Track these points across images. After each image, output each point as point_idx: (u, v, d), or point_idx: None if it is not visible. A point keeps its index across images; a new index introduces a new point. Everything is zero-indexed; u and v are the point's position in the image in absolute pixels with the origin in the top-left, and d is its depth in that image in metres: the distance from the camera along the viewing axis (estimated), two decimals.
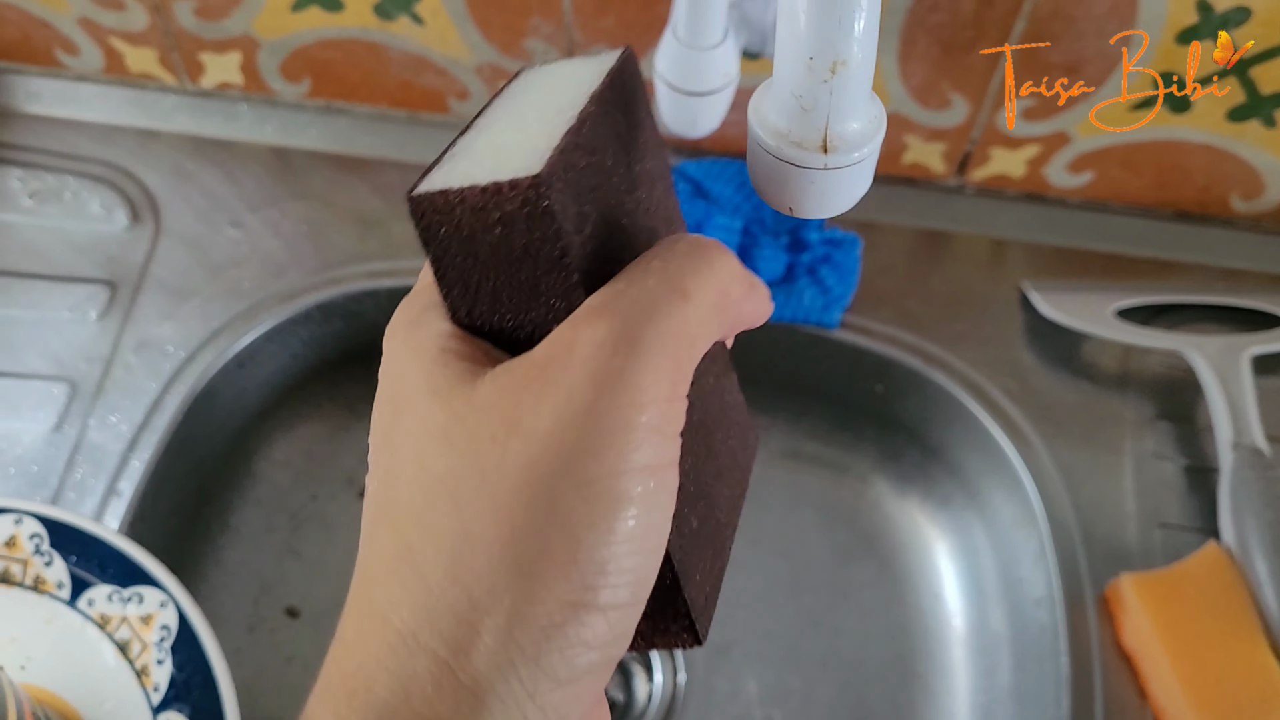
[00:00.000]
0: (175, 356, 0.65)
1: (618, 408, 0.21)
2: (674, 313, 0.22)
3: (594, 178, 0.24)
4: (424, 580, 0.22)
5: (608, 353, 0.22)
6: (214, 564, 0.68)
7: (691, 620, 0.26)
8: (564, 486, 0.21)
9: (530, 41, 0.67)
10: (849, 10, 0.24)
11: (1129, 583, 0.58)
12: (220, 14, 0.68)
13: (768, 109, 0.26)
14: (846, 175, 0.26)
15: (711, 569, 0.27)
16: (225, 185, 0.71)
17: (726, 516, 0.28)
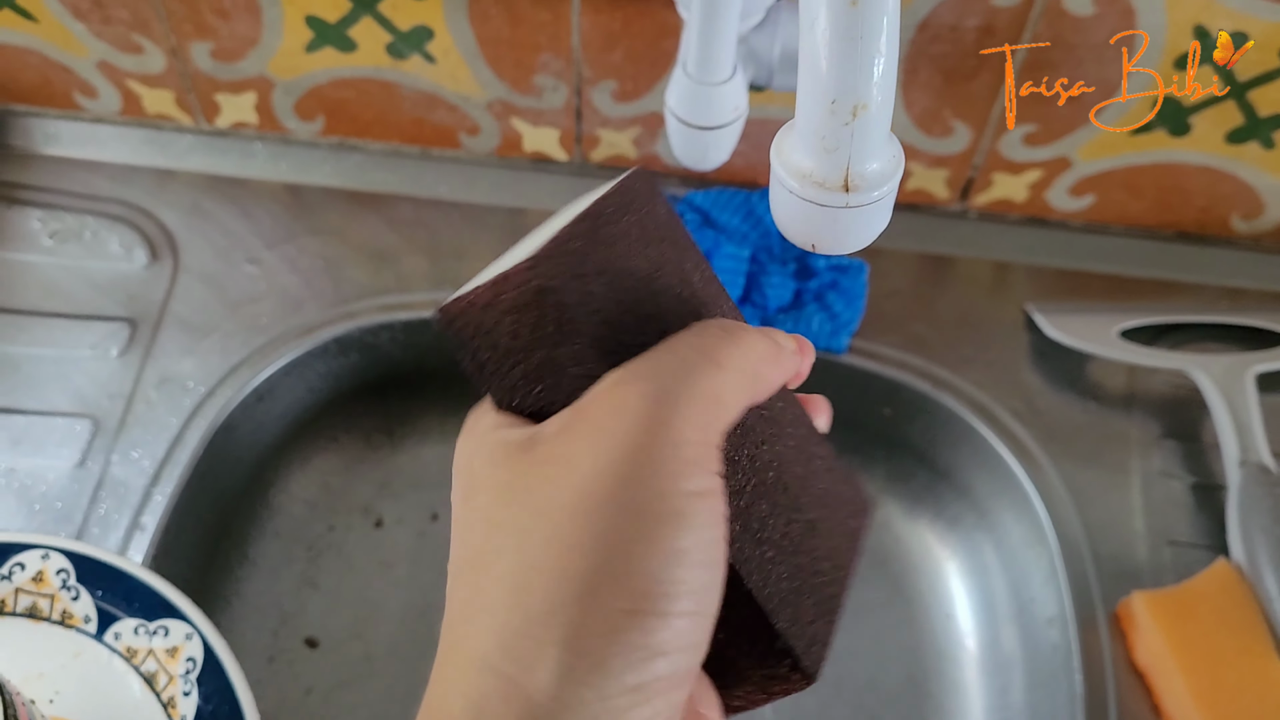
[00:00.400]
0: (195, 392, 0.66)
1: (660, 445, 0.24)
2: (707, 376, 0.25)
3: (597, 259, 0.27)
4: (491, 611, 0.24)
5: (651, 404, 0.24)
6: (234, 595, 0.69)
7: (795, 657, 0.27)
8: (614, 510, 0.23)
9: (540, 78, 0.68)
10: (869, 56, 0.25)
11: (1140, 601, 0.59)
12: (235, 56, 0.70)
13: (790, 150, 0.27)
14: (867, 213, 0.27)
15: (815, 614, 0.29)
16: (242, 222, 0.72)
17: (830, 571, 0.30)
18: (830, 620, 0.29)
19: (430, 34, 0.67)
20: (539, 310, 0.26)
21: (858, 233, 0.27)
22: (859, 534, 0.32)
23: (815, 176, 0.26)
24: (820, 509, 0.30)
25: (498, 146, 0.74)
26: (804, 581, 0.28)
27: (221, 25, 0.68)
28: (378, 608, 0.70)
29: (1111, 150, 0.68)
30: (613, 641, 0.23)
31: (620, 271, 0.27)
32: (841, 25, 0.25)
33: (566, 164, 0.75)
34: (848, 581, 0.31)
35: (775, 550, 0.28)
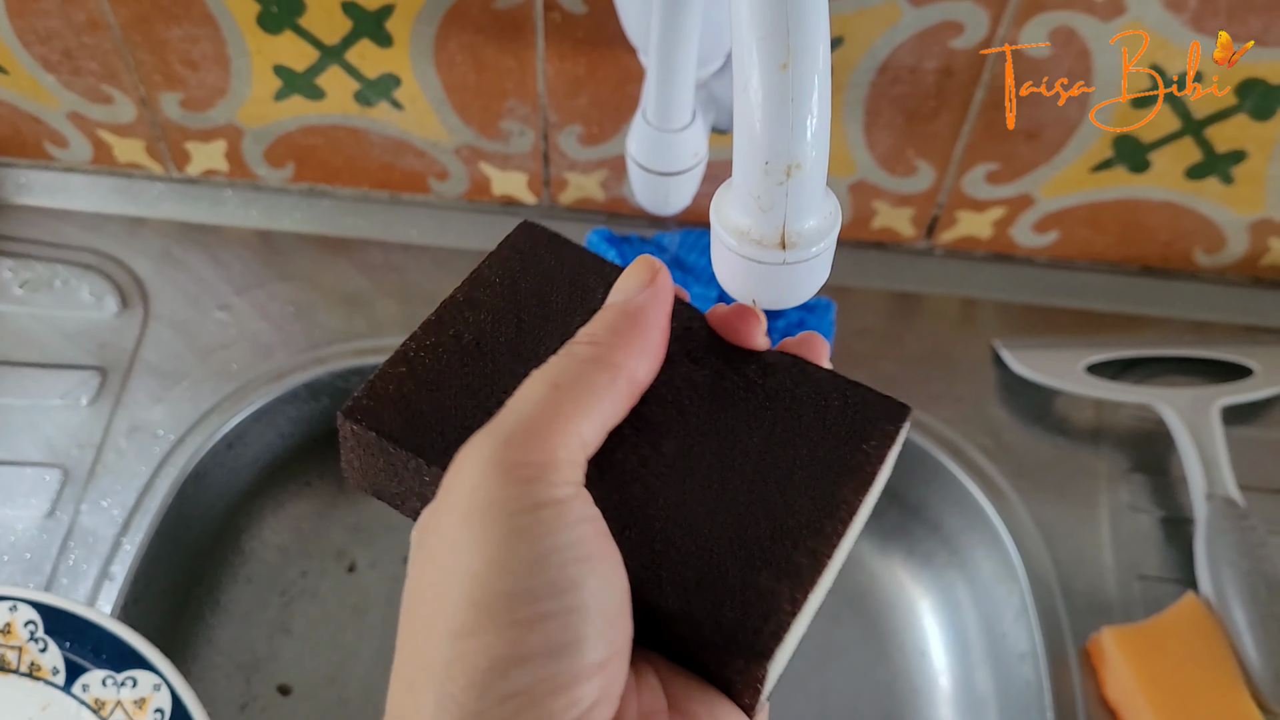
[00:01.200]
0: (165, 440, 0.66)
1: (491, 478, 0.25)
2: (540, 404, 0.27)
3: (426, 373, 0.31)
4: (395, 676, 0.26)
5: (487, 444, 0.26)
6: (206, 643, 0.69)
7: (727, 641, 0.27)
8: (466, 550, 0.25)
9: (507, 123, 0.69)
10: (801, 117, 0.25)
11: (1110, 636, 0.59)
12: (205, 105, 0.70)
13: (729, 208, 0.27)
14: (805, 269, 0.27)
15: (760, 586, 0.27)
16: (212, 269, 0.72)
17: (795, 535, 0.28)
18: (788, 593, 0.27)
19: (397, 82, 0.67)
20: (367, 448, 0.30)
21: (797, 288, 0.28)
22: (842, 491, 0.30)
23: (753, 234, 0.27)
24: (760, 483, 0.29)
25: (467, 191, 0.75)
26: (738, 559, 0.28)
27: (190, 75, 0.68)
28: (351, 653, 0.70)
29: (1073, 187, 0.69)
30: (480, 659, 0.24)
31: (473, 360, 0.31)
32: (773, 88, 0.25)
33: (535, 207, 0.75)
34: (816, 546, 0.28)
35: (672, 545, 0.28)
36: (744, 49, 0.25)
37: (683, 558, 0.27)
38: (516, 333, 0.31)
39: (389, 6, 0.63)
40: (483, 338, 0.31)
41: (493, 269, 0.33)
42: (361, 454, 0.30)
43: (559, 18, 0.63)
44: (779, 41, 0.25)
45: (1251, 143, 0.65)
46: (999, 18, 0.60)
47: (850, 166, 0.70)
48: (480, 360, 0.31)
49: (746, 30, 0.25)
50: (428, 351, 0.31)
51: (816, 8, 0.25)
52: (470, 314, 0.32)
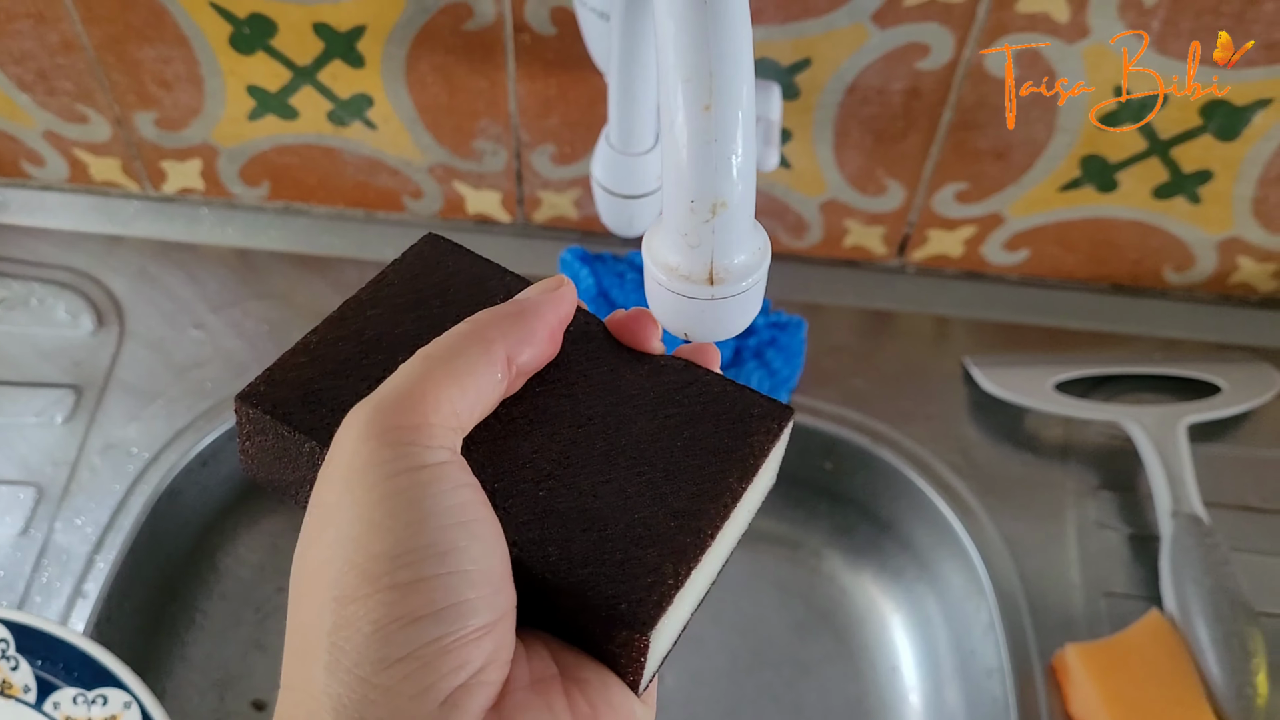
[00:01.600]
0: (140, 457, 0.66)
1: (367, 443, 0.26)
2: (414, 373, 0.27)
3: (325, 363, 0.31)
4: (288, 649, 0.26)
5: (362, 413, 0.26)
6: (180, 659, 0.69)
7: (610, 612, 0.27)
8: (345, 516, 0.25)
9: (479, 142, 0.70)
10: (725, 157, 0.26)
11: (1074, 653, 0.60)
12: (180, 124, 0.71)
13: (659, 245, 0.28)
14: (734, 304, 0.28)
15: (640, 559, 0.28)
16: (188, 287, 0.73)
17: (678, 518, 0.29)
18: (660, 562, 0.28)
19: (370, 102, 0.68)
20: (263, 433, 0.31)
21: (726, 322, 0.28)
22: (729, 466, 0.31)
23: (681, 270, 0.27)
24: (642, 465, 0.30)
25: (441, 209, 0.75)
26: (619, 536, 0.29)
27: (164, 95, 0.69)
28: None
29: (1042, 206, 0.70)
30: (363, 624, 0.24)
31: (369, 359, 0.31)
32: (697, 128, 0.26)
33: (510, 225, 0.76)
34: (699, 525, 0.29)
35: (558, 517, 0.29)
36: (668, 91, 0.26)
37: (570, 535, 0.28)
38: (417, 327, 0.32)
39: (360, 28, 0.64)
40: (384, 333, 0.32)
41: (398, 272, 0.34)
42: (258, 440, 0.31)
43: (529, 39, 0.63)
44: (702, 84, 0.25)
45: (1217, 163, 0.66)
46: (964, 39, 0.61)
47: (821, 186, 0.70)
48: (379, 352, 0.31)
49: (670, 72, 0.25)
50: (329, 344, 0.32)
51: (738, 49, 0.25)
52: (372, 311, 0.33)
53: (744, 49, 0.26)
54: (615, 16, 0.46)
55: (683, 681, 0.70)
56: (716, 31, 0.25)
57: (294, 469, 0.31)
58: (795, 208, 0.72)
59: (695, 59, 0.25)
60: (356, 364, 0.31)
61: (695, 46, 0.25)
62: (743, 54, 0.26)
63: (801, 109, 0.65)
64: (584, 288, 0.70)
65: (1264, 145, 0.65)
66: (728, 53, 0.25)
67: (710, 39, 0.25)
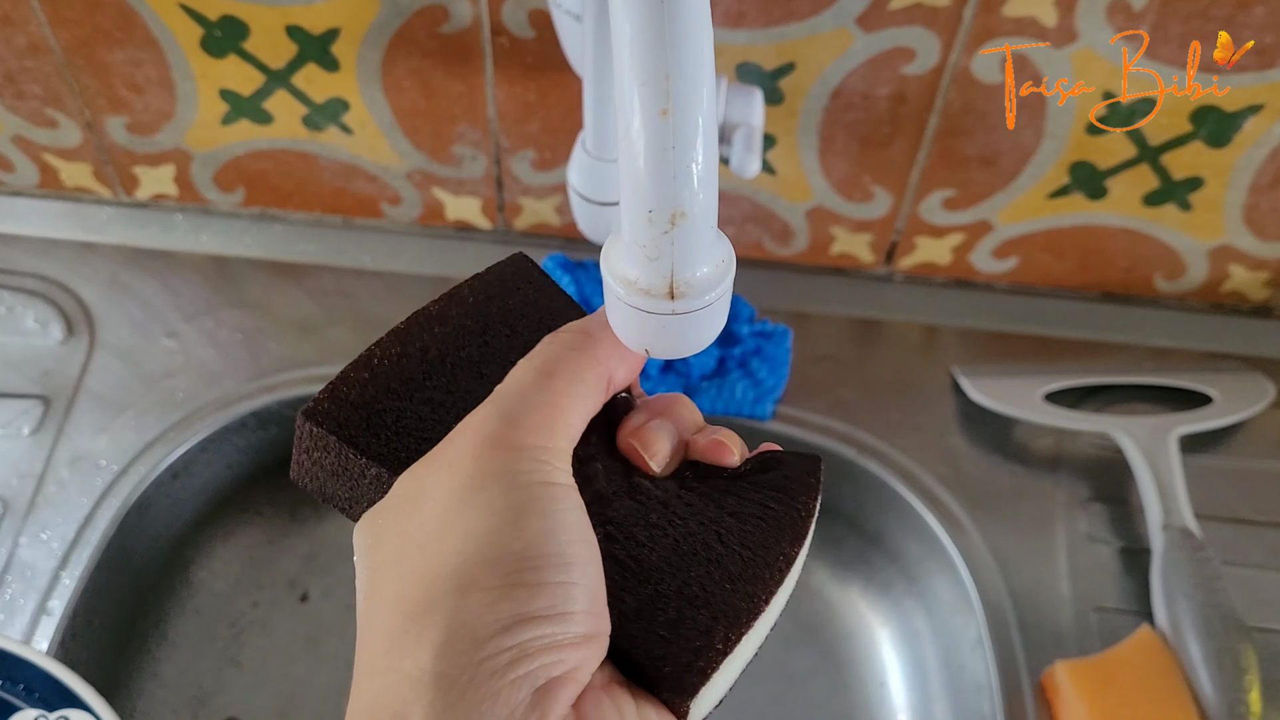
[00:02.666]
0: (108, 470, 0.65)
1: (503, 451, 0.27)
2: (541, 389, 0.28)
3: (389, 381, 0.30)
4: (379, 627, 0.27)
5: (490, 423, 0.27)
6: (151, 677, 0.68)
7: (655, 672, 0.27)
8: (475, 513, 0.26)
9: (458, 148, 0.68)
10: (684, 164, 0.25)
11: (1064, 671, 0.58)
12: (152, 129, 0.69)
13: (616, 258, 0.26)
14: (696, 319, 0.26)
15: (689, 643, 0.28)
16: (161, 295, 0.71)
17: (712, 600, 0.29)
18: (708, 649, 0.28)
19: (345, 106, 0.66)
20: (322, 445, 0.30)
21: (689, 338, 0.27)
22: (775, 559, 0.31)
23: (640, 284, 0.26)
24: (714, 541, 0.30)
25: (420, 215, 0.74)
26: (675, 606, 0.29)
27: (135, 99, 0.67)
28: (303, 685, 0.69)
29: (1031, 213, 0.69)
30: (486, 613, 0.25)
31: (431, 384, 0.31)
32: (653, 134, 0.24)
33: (490, 232, 0.74)
34: (739, 618, 0.29)
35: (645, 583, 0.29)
36: (625, 95, 0.24)
37: (626, 585, 0.28)
38: (481, 353, 0.32)
39: (334, 31, 0.62)
40: (447, 353, 0.31)
41: (472, 289, 0.33)
42: (317, 456, 0.30)
43: (507, 43, 0.62)
44: (658, 87, 0.24)
45: (1208, 170, 0.65)
46: (951, 44, 0.60)
47: (806, 192, 0.69)
48: (443, 374, 0.31)
49: (626, 75, 0.24)
50: (392, 360, 0.31)
51: (697, 50, 0.24)
52: (439, 328, 0.32)
53: (704, 50, 0.24)
54: (588, 18, 0.45)
55: None
56: (674, 33, 0.24)
57: (351, 487, 0.30)
58: (781, 215, 0.71)
59: (651, 61, 0.24)
60: (419, 385, 0.31)
61: (652, 47, 0.24)
62: (702, 56, 0.24)
63: (785, 114, 0.64)
64: None
65: (1255, 151, 0.63)
66: (686, 55, 0.24)
67: (667, 40, 0.24)
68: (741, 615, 0.28)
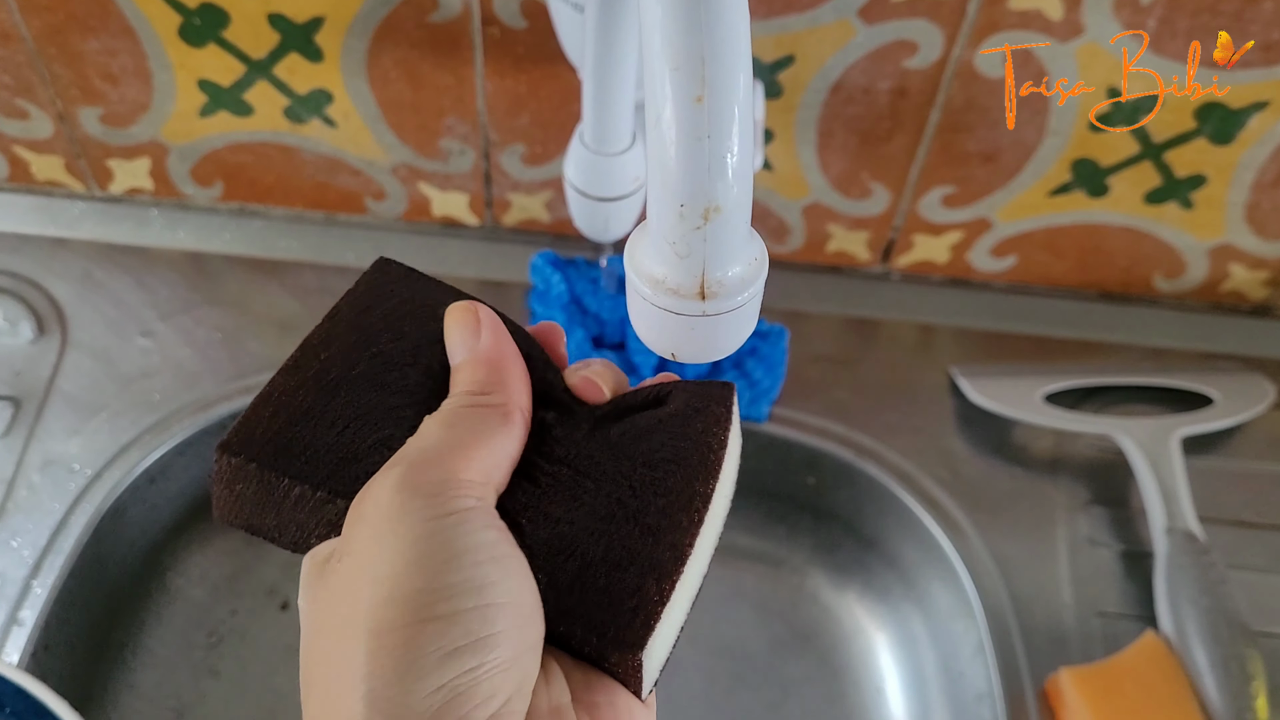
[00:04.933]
0: (82, 474, 0.62)
1: (409, 493, 0.27)
2: (440, 442, 0.28)
3: (293, 412, 0.30)
4: (317, 682, 0.27)
5: (395, 473, 0.27)
6: (127, 689, 0.65)
7: (600, 638, 0.28)
8: (387, 555, 0.26)
9: (446, 142, 0.66)
10: (719, 155, 0.23)
11: (1068, 678, 0.57)
12: (127, 121, 0.67)
13: (643, 256, 0.25)
14: (727, 320, 0.25)
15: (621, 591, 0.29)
16: (136, 293, 0.69)
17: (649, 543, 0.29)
18: (652, 585, 0.29)
19: (329, 98, 0.64)
20: (247, 480, 0.30)
21: (719, 341, 0.25)
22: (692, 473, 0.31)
23: (669, 283, 0.24)
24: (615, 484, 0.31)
25: (405, 211, 0.72)
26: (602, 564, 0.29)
27: (110, 90, 0.65)
28: (284, 696, 0.66)
29: (1031, 211, 0.67)
30: (406, 654, 0.25)
31: (336, 400, 0.31)
32: (687, 122, 0.22)
33: (478, 229, 0.72)
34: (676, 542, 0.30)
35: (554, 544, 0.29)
36: (655, 80, 0.23)
37: (554, 564, 0.29)
38: (376, 365, 0.32)
39: (318, 19, 0.60)
40: (342, 376, 0.31)
41: (350, 306, 0.33)
42: (239, 489, 0.30)
43: (498, 33, 0.60)
44: (693, 72, 0.22)
45: (1211, 167, 0.63)
46: (954, 37, 0.58)
47: (804, 189, 0.67)
48: (343, 394, 0.31)
49: (658, 60, 0.22)
50: (290, 393, 0.31)
51: (735, 34, 0.22)
52: (325, 353, 0.32)
53: (741, 32, 0.23)
54: (590, 7, 0.43)
55: (659, 705, 0.67)
56: (710, 12, 0.22)
57: (275, 515, 0.30)
58: (777, 211, 0.69)
59: (686, 44, 0.22)
60: (323, 410, 0.31)
61: (686, 30, 0.22)
62: (740, 38, 0.23)
63: (784, 108, 0.62)
64: (556, 294, 0.67)
65: (1259, 149, 0.62)
66: (723, 37, 0.22)
67: (703, 21, 0.22)
68: (668, 565, 0.29)
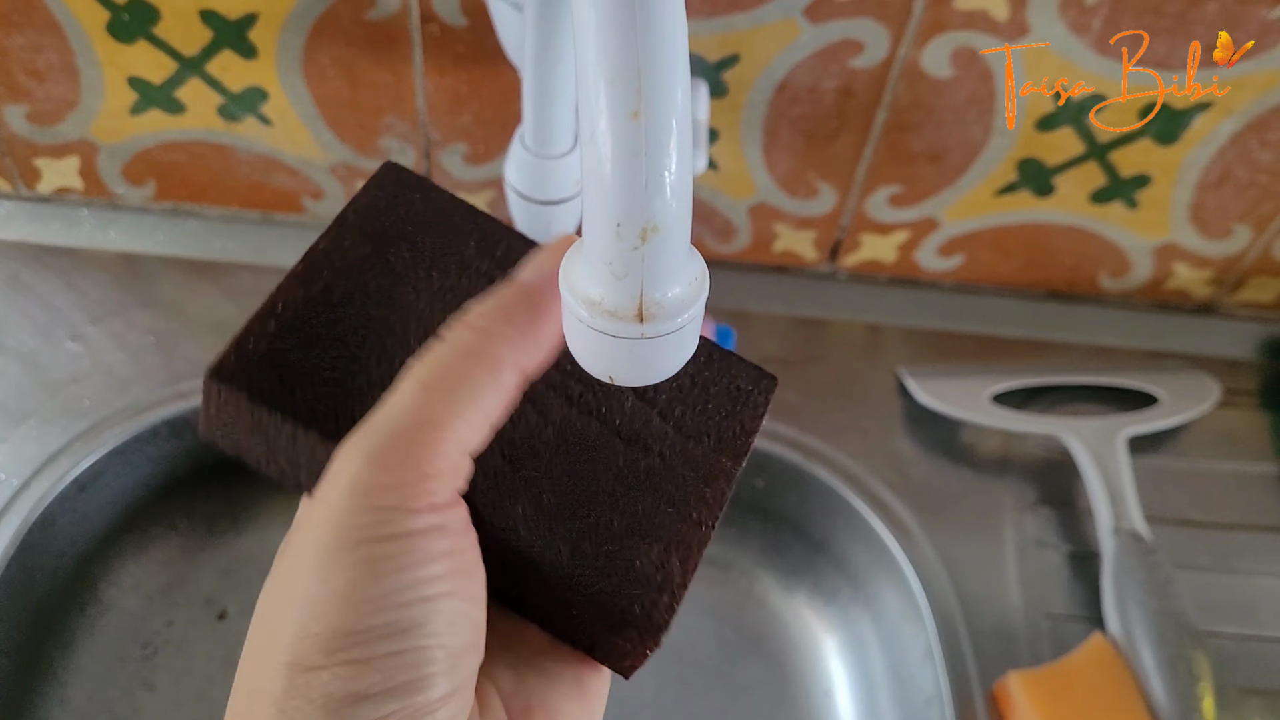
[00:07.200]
0: (7, 485, 0.60)
1: (353, 506, 0.24)
2: (407, 413, 0.25)
3: (295, 330, 0.28)
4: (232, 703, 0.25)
5: (349, 463, 0.24)
6: (58, 704, 0.63)
7: (622, 616, 0.27)
8: (310, 578, 0.24)
9: (385, 140, 0.65)
10: (657, 172, 0.22)
11: (1017, 681, 0.57)
12: (54, 119, 0.65)
13: (578, 276, 0.24)
14: (667, 343, 0.24)
15: (643, 565, 0.28)
16: (65, 295, 0.67)
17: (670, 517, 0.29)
18: (676, 562, 0.28)
19: (264, 95, 0.62)
20: (231, 407, 0.28)
21: (659, 364, 0.24)
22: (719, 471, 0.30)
23: (606, 305, 0.23)
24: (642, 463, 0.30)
25: None
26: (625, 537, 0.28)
27: (36, 87, 0.63)
28: (221, 708, 0.64)
29: (977, 211, 0.67)
30: (317, 697, 0.23)
31: (343, 328, 0.29)
32: (623, 138, 0.21)
33: None
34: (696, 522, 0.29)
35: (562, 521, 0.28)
36: (590, 94, 0.21)
37: (577, 531, 0.28)
38: (388, 279, 0.30)
39: (252, 16, 0.58)
40: (352, 288, 0.29)
41: (355, 213, 0.31)
42: (228, 415, 0.29)
43: (437, 30, 0.59)
44: (628, 85, 0.21)
45: (1155, 167, 0.64)
46: (900, 37, 0.58)
47: (749, 188, 0.67)
48: (351, 311, 0.29)
49: (591, 72, 0.21)
50: (295, 306, 0.29)
51: (672, 44, 0.21)
52: (338, 263, 0.30)
53: (678, 44, 0.22)
54: (529, 7, 0.42)
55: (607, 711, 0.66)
56: (646, 23, 0.21)
57: (264, 444, 0.29)
58: (723, 211, 0.68)
59: (621, 56, 0.21)
60: (329, 330, 0.29)
61: (621, 41, 0.21)
62: (677, 50, 0.22)
63: (729, 108, 0.62)
64: None
65: (1202, 149, 0.63)
66: (660, 49, 0.21)
67: (639, 32, 0.21)
68: (692, 542, 0.28)
